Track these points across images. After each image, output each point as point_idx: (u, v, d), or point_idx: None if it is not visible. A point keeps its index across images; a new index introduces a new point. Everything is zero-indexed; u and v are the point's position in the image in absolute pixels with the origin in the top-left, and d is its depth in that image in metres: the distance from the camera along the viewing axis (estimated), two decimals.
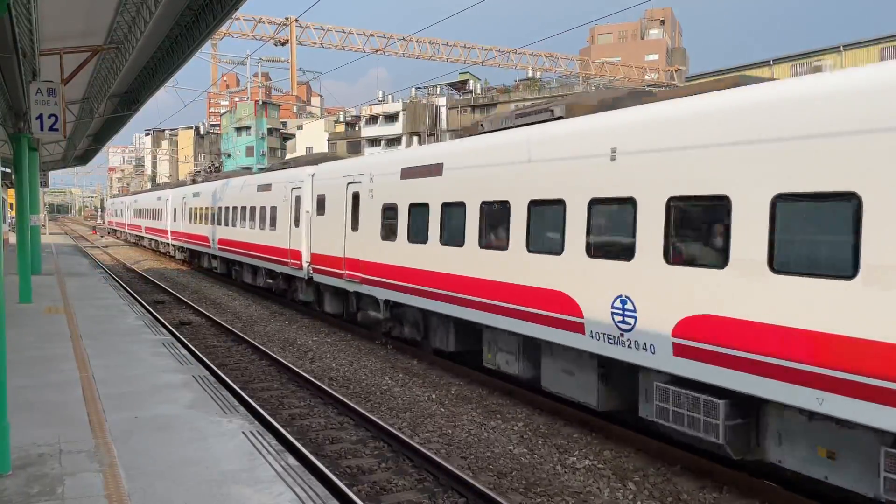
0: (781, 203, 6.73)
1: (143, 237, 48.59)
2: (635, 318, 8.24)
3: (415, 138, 70.49)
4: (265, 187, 22.45)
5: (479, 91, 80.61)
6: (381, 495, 7.54)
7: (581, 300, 9.04)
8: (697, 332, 7.48)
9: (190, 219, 32.98)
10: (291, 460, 6.64)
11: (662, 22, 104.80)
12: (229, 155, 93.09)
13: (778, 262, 6.75)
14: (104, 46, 13.74)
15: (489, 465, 8.45)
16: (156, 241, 43.42)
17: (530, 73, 68.45)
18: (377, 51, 42.72)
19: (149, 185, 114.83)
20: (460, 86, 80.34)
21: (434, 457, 8.20)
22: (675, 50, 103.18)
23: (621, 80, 55.90)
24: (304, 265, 19.00)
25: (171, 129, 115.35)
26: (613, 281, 8.52)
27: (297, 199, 19.62)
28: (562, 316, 9.31)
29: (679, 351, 7.68)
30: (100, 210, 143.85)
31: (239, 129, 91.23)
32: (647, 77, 58.33)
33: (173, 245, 38.28)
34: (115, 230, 67.49)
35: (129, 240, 57.62)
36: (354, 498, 6.89)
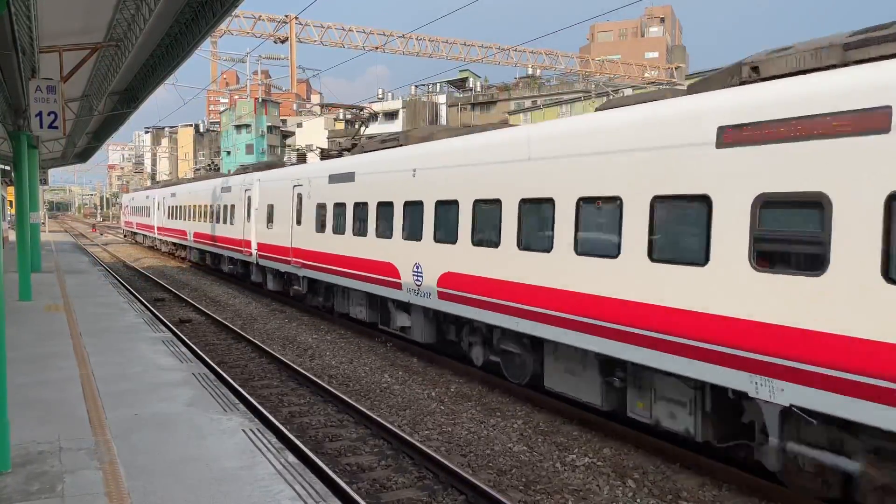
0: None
1: (195, 248, 32.41)
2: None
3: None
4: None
5: (478, 89, 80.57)
6: (381, 493, 7.55)
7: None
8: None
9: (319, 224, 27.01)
10: (291, 458, 6.64)
11: (662, 20, 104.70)
12: (229, 153, 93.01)
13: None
14: (104, 44, 13.72)
15: (489, 463, 8.45)
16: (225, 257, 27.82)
17: (530, 71, 68.43)
18: (377, 48, 42.70)
19: (149, 183, 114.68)
20: (460, 83, 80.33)
21: (434, 454, 8.21)
22: (676, 48, 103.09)
23: (621, 78, 55.86)
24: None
25: (171, 127, 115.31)
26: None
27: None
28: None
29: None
30: (99, 208, 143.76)
31: (239, 127, 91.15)
32: (646, 75, 58.30)
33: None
34: (136, 233, 52.07)
35: (160, 248, 42.37)
36: (354, 495, 6.90)
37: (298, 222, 18.95)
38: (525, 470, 8.25)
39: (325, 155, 20.30)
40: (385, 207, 14.26)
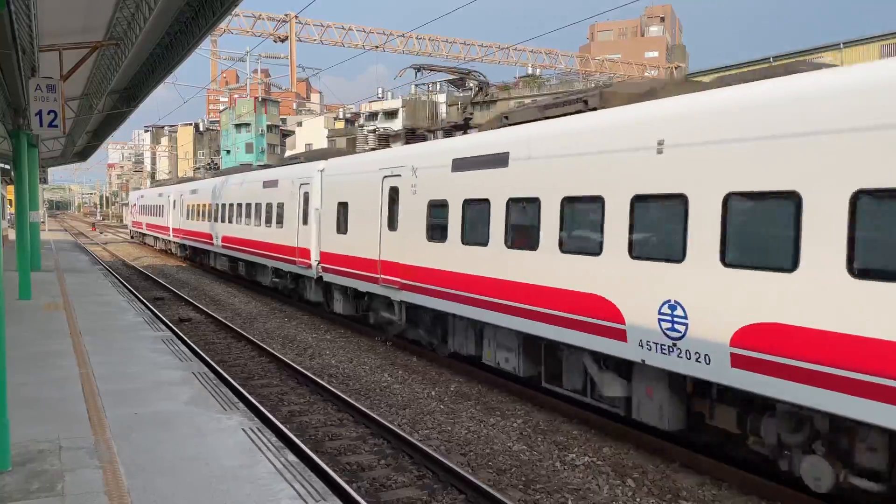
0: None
1: (224, 255, 27.86)
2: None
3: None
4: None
5: (478, 87, 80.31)
6: (381, 492, 7.55)
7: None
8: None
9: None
10: (291, 457, 6.64)
11: (662, 19, 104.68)
12: (229, 151, 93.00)
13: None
14: (103, 42, 13.72)
15: (488, 462, 8.46)
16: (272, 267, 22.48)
17: (530, 70, 68.39)
18: (377, 47, 42.69)
19: (148, 183, 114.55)
20: (460, 82, 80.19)
21: (434, 453, 8.21)
22: (676, 47, 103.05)
23: (621, 77, 55.85)
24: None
25: (171, 126, 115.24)
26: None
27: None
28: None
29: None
30: (98, 207, 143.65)
31: (238, 126, 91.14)
32: (646, 74, 58.30)
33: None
34: (145, 235, 47.18)
35: (175, 252, 38.18)
36: (354, 494, 6.90)
37: (392, 227, 14.01)
38: (525, 469, 8.26)
39: (412, 138, 16.18)
40: (581, 205, 9.23)
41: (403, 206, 13.56)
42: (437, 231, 12.42)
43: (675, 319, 7.75)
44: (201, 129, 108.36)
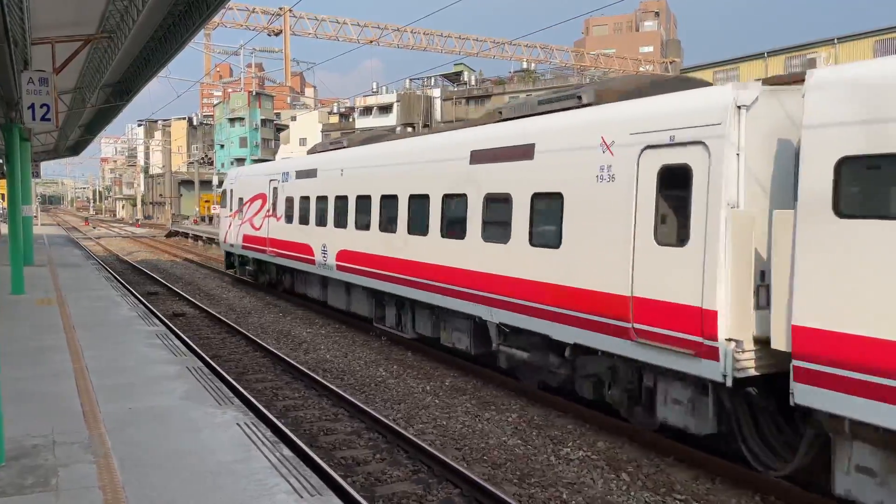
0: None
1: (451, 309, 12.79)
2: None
3: (409, 129, 70.32)
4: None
5: (473, 82, 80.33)
6: (376, 486, 7.56)
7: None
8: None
9: None
10: (286, 451, 6.64)
11: (657, 14, 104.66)
12: (223, 146, 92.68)
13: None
14: (96, 35, 13.64)
15: (483, 457, 8.47)
16: None
17: (525, 65, 68.30)
18: (371, 41, 42.58)
19: (142, 178, 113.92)
20: (455, 77, 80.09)
21: (429, 448, 8.22)
22: (670, 42, 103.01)
23: (616, 72, 55.86)
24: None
25: (164, 120, 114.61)
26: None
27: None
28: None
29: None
30: (91, 201, 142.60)
31: (232, 120, 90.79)
32: (641, 69, 58.32)
33: None
34: (244, 256, 23.31)
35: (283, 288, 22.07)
36: (349, 489, 6.91)
37: None
38: (519, 463, 8.27)
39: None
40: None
41: None
42: None
43: None
44: (195, 123, 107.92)
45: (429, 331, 13.17)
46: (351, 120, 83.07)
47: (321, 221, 16.92)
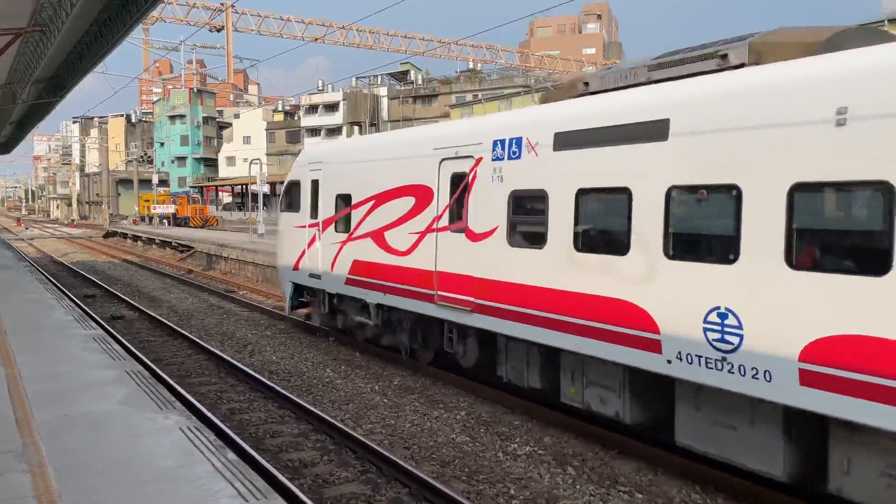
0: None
1: None
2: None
3: (356, 128, 69.90)
4: None
5: (420, 82, 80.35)
6: (324, 488, 7.50)
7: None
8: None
9: None
10: (231, 455, 6.51)
11: (599, 16, 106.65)
12: (162, 144, 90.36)
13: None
14: (28, 29, 13.12)
15: (432, 455, 8.49)
16: None
17: (471, 65, 68.68)
18: (317, 39, 42.15)
19: (77, 176, 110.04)
20: (402, 76, 79.99)
21: (377, 448, 8.19)
22: (612, 44, 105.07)
23: (560, 73, 56.71)
24: None
25: (101, 117, 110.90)
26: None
27: None
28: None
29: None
30: (24, 201, 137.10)
31: (173, 118, 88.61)
32: (584, 70, 59.33)
33: None
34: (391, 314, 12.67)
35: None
36: (296, 491, 6.83)
37: None
38: (468, 460, 8.33)
39: None
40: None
41: None
42: None
43: None
44: (133, 120, 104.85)
45: None
46: (296, 118, 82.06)
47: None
